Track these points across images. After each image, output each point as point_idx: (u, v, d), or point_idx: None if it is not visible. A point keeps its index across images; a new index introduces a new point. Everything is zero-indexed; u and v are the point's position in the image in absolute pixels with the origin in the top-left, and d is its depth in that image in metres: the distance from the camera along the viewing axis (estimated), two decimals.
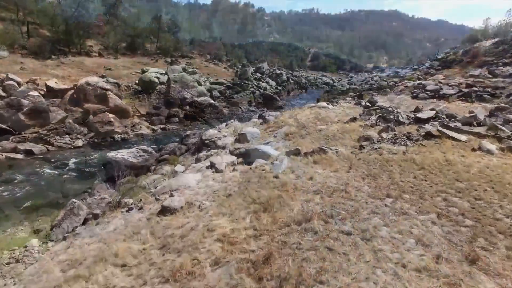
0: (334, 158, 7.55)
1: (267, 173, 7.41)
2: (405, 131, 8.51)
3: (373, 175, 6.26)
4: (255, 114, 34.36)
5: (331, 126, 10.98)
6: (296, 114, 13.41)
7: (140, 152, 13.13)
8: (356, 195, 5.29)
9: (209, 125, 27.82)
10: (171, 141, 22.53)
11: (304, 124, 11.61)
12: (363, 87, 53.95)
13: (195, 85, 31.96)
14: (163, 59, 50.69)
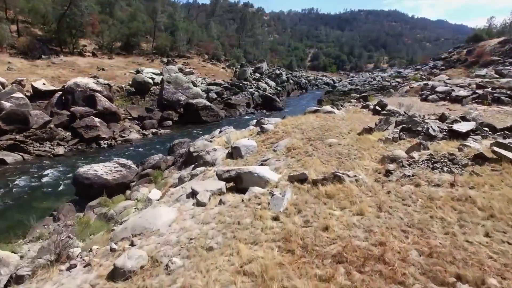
0: (354, 190, 5.50)
1: (263, 211, 5.35)
2: (443, 151, 6.44)
3: (417, 225, 4.21)
4: (253, 117, 32.35)
5: (343, 139, 8.88)
6: (299, 121, 11.31)
7: (118, 167, 11.09)
8: (403, 273, 3.28)
9: (204, 129, 25.77)
10: (162, 147, 20.49)
11: (309, 135, 9.52)
12: (365, 87, 51.87)
13: (190, 86, 29.88)
14: (159, 59, 48.63)
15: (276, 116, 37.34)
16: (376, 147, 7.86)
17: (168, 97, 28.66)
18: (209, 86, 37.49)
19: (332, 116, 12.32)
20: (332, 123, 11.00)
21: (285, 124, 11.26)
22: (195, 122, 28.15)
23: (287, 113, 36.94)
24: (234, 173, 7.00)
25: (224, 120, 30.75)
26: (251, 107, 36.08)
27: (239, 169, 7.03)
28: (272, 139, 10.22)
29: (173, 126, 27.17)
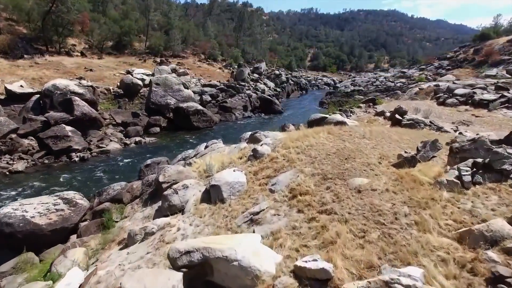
0: None
1: None
2: None
3: None
4: (250, 122, 29.44)
5: (376, 178, 5.70)
6: (306, 142, 8.09)
7: (60, 203, 7.93)
8: None
9: (195, 137, 22.55)
10: (144, 160, 17.32)
11: (323, 168, 6.33)
12: (369, 88, 48.68)
13: (180, 88, 26.65)
14: (152, 59, 45.38)
15: (276, 121, 34.21)
16: (437, 199, 4.67)
17: (156, 100, 25.43)
18: (203, 87, 34.26)
19: (348, 132, 9.12)
20: (351, 144, 7.79)
21: (287, 145, 8.03)
22: (186, 128, 24.96)
23: (287, 117, 33.75)
24: (198, 257, 3.83)
25: (219, 125, 27.56)
26: (248, 111, 32.85)
27: (208, 250, 3.83)
28: (268, 169, 7.03)
29: (160, 133, 23.96)
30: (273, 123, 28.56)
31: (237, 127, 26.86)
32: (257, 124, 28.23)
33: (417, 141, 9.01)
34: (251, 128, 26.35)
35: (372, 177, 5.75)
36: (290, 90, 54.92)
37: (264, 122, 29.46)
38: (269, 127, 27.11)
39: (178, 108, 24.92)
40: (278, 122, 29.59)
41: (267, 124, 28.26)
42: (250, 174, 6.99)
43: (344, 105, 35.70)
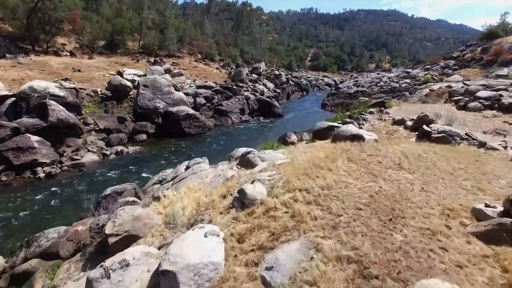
0: None
1: None
2: None
3: None
4: (248, 127, 26.20)
5: (466, 283, 2.92)
6: (320, 177, 5.33)
7: None
8: None
9: (186, 145, 19.71)
10: (124, 175, 14.55)
11: (356, 245, 3.56)
12: (373, 89, 45.86)
13: (171, 90, 23.86)
14: (146, 59, 42.60)
15: (275, 125, 29.93)
16: None
17: (143, 104, 22.65)
18: (198, 89, 31.48)
19: (375, 156, 6.37)
20: (388, 183, 5.02)
21: (291, 184, 5.24)
22: (176, 134, 22.20)
23: (288, 121, 30.92)
24: None
25: (213, 130, 24.78)
26: (246, 114, 30.06)
27: None
28: (262, 232, 4.26)
29: (147, 141, 21.18)
30: (273, 128, 25.79)
31: (232, 133, 24.10)
32: (255, 130, 25.48)
33: (476, 171, 6.22)
34: (248, 134, 23.55)
35: (455, 274, 2.97)
36: (290, 91, 52.11)
37: (262, 127, 26.68)
38: (268, 133, 24.38)
39: (168, 112, 22.15)
40: (278, 127, 26.81)
41: (265, 130, 25.50)
42: (233, 241, 4.22)
43: (350, 108, 32.82)
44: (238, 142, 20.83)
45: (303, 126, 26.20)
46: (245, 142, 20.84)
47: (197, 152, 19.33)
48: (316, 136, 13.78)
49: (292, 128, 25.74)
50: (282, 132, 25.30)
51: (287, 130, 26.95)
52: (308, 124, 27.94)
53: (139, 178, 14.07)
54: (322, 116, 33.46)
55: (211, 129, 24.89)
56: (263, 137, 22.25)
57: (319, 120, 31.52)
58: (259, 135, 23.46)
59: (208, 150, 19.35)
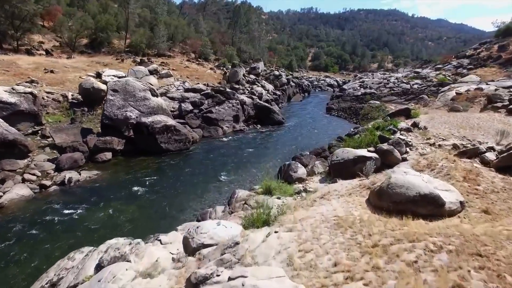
0: None
1: None
2: None
3: None
4: (242, 138, 20.34)
5: None
6: None
7: None
8: None
9: (162, 168, 14.65)
10: (46, 226, 9.65)
11: None
12: (382, 91, 40.89)
13: (147, 96, 18.93)
14: (132, 58, 37.67)
15: (275, 136, 23.18)
16: None
17: (111, 113, 17.72)
18: (185, 93, 26.55)
19: None
20: None
21: None
22: (151, 151, 17.29)
23: (290, 130, 25.30)
24: None
25: (199, 144, 19.87)
26: (240, 122, 25.12)
27: None
28: None
29: (113, 161, 16.28)
30: (272, 142, 20.83)
31: (222, 149, 19.15)
32: (250, 144, 20.52)
33: None
34: (240, 153, 18.41)
35: None
36: (291, 93, 47.12)
37: (259, 140, 21.71)
38: (266, 151, 19.30)
39: (139, 124, 17.22)
40: (278, 140, 21.85)
41: (263, 145, 20.53)
42: None
43: (361, 114, 27.54)
44: (227, 163, 16.00)
45: (310, 140, 21.30)
46: (236, 165, 15.91)
47: (173, 178, 14.40)
48: (336, 170, 8.90)
49: (296, 142, 20.82)
50: (284, 148, 20.33)
51: (290, 144, 21.68)
52: (316, 135, 23.03)
53: (55, 249, 8.91)
54: (330, 123, 28.50)
55: (197, 142, 19.96)
56: (260, 157, 17.35)
57: (327, 128, 26.41)
58: (255, 152, 18.53)
59: (187, 177, 14.47)
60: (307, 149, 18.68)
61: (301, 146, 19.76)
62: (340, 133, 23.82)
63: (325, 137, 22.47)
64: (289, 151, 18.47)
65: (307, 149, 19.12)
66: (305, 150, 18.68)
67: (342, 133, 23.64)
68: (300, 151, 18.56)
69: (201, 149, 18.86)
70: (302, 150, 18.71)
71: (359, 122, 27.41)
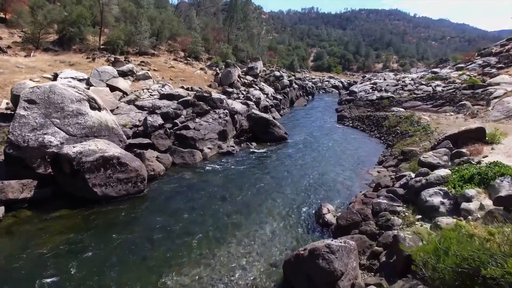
0: None
1: None
2: None
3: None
4: (228, 165, 13.19)
5: None
6: None
7: None
8: None
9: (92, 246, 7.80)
10: None
11: None
12: (401, 95, 33.82)
13: (82, 109, 12.05)
14: (106, 57, 30.77)
15: (278, 162, 15.24)
16: None
17: (19, 138, 10.90)
18: (159, 100, 19.65)
19: None
20: None
21: None
22: (81, 199, 10.45)
23: (297, 152, 16.57)
24: None
25: (161, 181, 12.92)
26: (229, 139, 18.16)
27: None
28: None
29: (8, 220, 9.48)
30: (272, 176, 13.68)
31: (194, 190, 12.14)
32: (240, 178, 13.46)
33: None
34: (222, 192, 10.87)
35: None
36: (294, 96, 40.13)
37: (254, 170, 14.69)
38: (263, 197, 10.97)
39: (60, 157, 10.31)
40: (281, 166, 14.80)
41: (258, 178, 13.47)
42: None
43: (389, 129, 20.15)
44: (197, 224, 9.06)
45: (328, 169, 14.16)
46: (213, 229, 8.82)
47: (104, 254, 7.48)
48: None
49: (308, 174, 13.69)
50: (293, 189, 11.82)
51: (300, 180, 12.96)
52: (334, 161, 15.88)
53: None
54: (346, 138, 21.31)
55: (162, 176, 13.04)
56: (254, 210, 10.17)
57: (346, 148, 18.79)
58: (245, 200, 11.57)
59: (126, 255, 7.54)
60: (329, 195, 11.70)
61: (318, 183, 12.82)
62: (365, 156, 16.78)
63: (348, 164, 15.47)
64: (302, 198, 11.54)
65: (327, 191, 12.15)
66: (326, 195, 11.68)
67: (369, 157, 16.60)
68: (317, 196, 11.57)
69: (163, 191, 11.92)
70: (319, 194, 11.73)
71: (384, 137, 20.37)
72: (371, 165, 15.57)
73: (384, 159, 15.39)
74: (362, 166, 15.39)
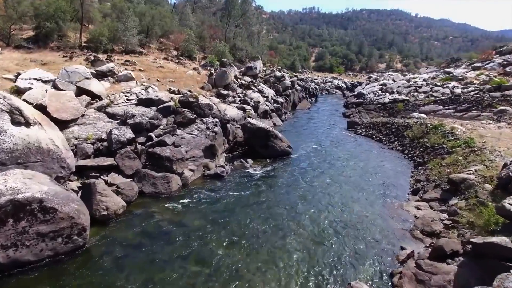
0: None
1: None
2: None
3: None
4: (214, 197, 8.74)
5: None
6: None
7: None
8: None
9: None
10: None
11: None
12: (417, 98, 29.81)
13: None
14: (86, 55, 26.91)
15: (280, 190, 10.79)
16: None
17: None
18: (135, 107, 15.78)
19: None
20: None
21: None
22: None
23: (302, 169, 12.39)
24: None
25: (123, 219, 9.07)
26: (219, 156, 14.24)
27: None
28: None
29: None
30: (277, 213, 9.69)
31: (161, 249, 8.21)
32: (231, 218, 9.53)
33: None
34: (205, 244, 6.59)
35: None
36: (296, 99, 36.19)
37: (248, 203, 10.73)
38: (266, 252, 6.96)
39: None
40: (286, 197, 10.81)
41: (255, 219, 9.56)
42: None
43: (414, 140, 15.73)
44: None
45: (348, 202, 9.95)
46: None
47: None
48: None
49: (321, 208, 9.58)
50: (303, 245, 7.11)
51: (315, 219, 8.65)
52: (353, 186, 11.76)
53: None
54: (362, 151, 17.05)
55: (119, 216, 9.16)
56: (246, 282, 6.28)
57: (365, 166, 11.31)
58: (234, 267, 7.65)
59: None
60: (358, 253, 7.76)
61: (339, 225, 8.93)
62: (392, 178, 12.85)
63: (371, 189, 11.52)
64: (319, 259, 7.65)
65: (354, 239, 8.22)
66: (353, 251, 7.72)
67: (396, 180, 12.67)
68: (341, 252, 7.65)
69: (113, 245, 7.99)
70: (344, 250, 7.80)
71: (408, 151, 16.40)
72: (403, 192, 11.65)
73: (419, 187, 11.45)
74: (391, 193, 11.49)
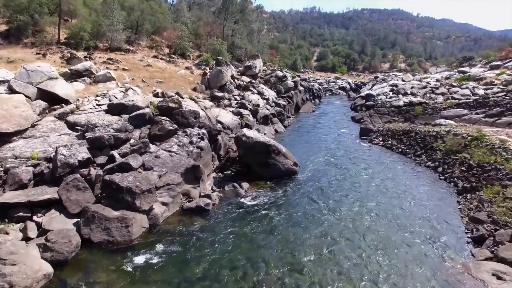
0: None
1: None
2: None
3: None
4: (190, 261, 5.49)
5: None
6: None
7: None
8: None
9: None
10: None
11: None
12: (435, 100, 26.41)
13: None
14: (63, 53, 23.60)
15: (285, 220, 7.80)
16: None
17: None
18: (104, 114, 12.29)
19: None
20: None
21: None
22: None
23: (312, 199, 8.34)
24: None
25: None
26: (205, 180, 10.77)
27: None
28: None
29: None
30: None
31: None
32: None
33: None
34: None
35: None
36: (300, 101, 32.73)
37: (238, 259, 7.26)
38: None
39: None
40: (295, 248, 7.28)
41: None
42: None
43: (448, 153, 11.54)
44: None
45: (381, 246, 6.54)
46: None
47: None
48: None
49: (344, 266, 6.08)
50: None
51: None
52: (387, 236, 8.04)
53: None
54: (384, 168, 13.59)
55: (51, 281, 5.75)
56: None
57: (392, 188, 9.76)
58: None
59: None
60: None
61: None
62: (433, 211, 9.40)
63: (410, 228, 7.99)
64: None
65: None
66: None
67: (441, 214, 9.20)
68: None
69: None
70: None
71: (443, 169, 12.93)
72: (457, 237, 8.21)
73: (484, 232, 7.98)
74: (441, 236, 8.08)
